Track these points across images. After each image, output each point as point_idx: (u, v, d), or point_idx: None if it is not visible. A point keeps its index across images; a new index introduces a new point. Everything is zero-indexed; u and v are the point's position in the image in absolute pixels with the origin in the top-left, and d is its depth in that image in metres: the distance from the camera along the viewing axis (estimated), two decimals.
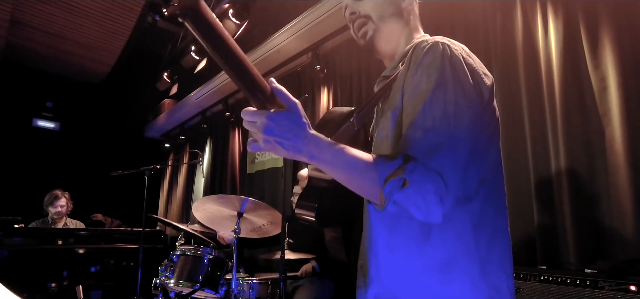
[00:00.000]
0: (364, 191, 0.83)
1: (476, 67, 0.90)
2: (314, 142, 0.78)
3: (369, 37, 1.06)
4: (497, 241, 0.90)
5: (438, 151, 0.79)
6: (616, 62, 2.13)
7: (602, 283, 1.79)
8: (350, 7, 1.09)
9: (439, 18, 3.18)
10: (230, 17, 4.42)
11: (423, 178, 0.77)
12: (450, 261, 0.85)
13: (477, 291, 0.85)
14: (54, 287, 3.77)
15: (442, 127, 0.81)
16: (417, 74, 0.88)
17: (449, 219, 0.84)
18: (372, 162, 0.80)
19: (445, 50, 0.88)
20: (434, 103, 0.82)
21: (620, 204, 2.03)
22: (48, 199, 4.24)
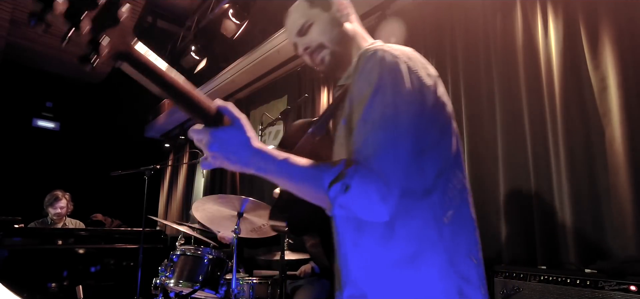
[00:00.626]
0: (313, 197, 0.87)
1: (415, 68, 0.94)
2: (259, 155, 0.82)
3: (327, 61, 1.12)
4: (462, 230, 0.94)
5: (378, 152, 0.83)
6: (616, 62, 2.13)
7: (602, 283, 1.80)
8: (300, 44, 1.15)
9: (439, 18, 3.18)
10: (230, 17, 4.42)
11: (364, 180, 0.81)
12: (416, 254, 0.89)
13: (445, 281, 0.88)
14: (54, 287, 3.76)
15: (380, 130, 0.85)
16: (358, 81, 0.93)
17: (411, 213, 0.89)
18: (317, 170, 0.85)
19: (383, 56, 0.91)
20: (373, 107, 0.87)
21: (620, 204, 2.03)
22: (48, 199, 4.23)
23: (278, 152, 0.84)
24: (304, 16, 1.13)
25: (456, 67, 2.99)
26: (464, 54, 2.95)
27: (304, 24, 1.12)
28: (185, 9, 5.53)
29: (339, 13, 1.14)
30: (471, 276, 0.92)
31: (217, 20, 4.61)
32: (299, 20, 1.13)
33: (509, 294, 2.12)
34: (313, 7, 1.13)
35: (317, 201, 0.87)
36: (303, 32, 1.13)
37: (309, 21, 1.12)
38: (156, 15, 5.66)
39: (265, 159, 0.82)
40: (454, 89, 2.98)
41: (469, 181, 2.96)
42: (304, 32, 1.13)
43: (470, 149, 2.80)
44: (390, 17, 3.40)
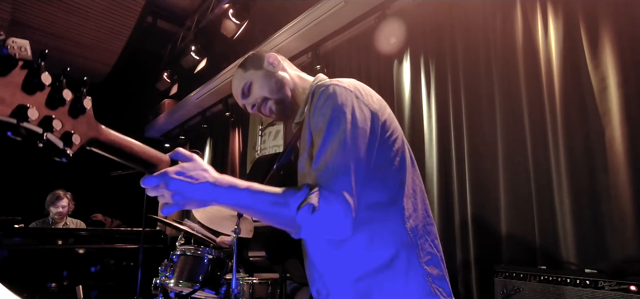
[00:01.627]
0: (278, 222, 0.92)
1: (363, 98, 1.04)
2: (221, 184, 0.86)
3: (274, 109, 1.23)
4: (424, 228, 1.05)
5: (338, 175, 0.91)
6: (616, 62, 2.13)
7: (602, 283, 1.80)
8: (248, 104, 1.26)
9: (439, 18, 3.18)
10: (230, 17, 4.42)
11: (328, 200, 0.88)
12: (394, 256, 0.99)
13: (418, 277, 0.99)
14: (54, 287, 3.76)
15: (337, 155, 0.93)
16: (315, 116, 1.02)
17: (383, 223, 1.00)
18: (281, 196, 0.90)
19: (335, 90, 1.01)
20: (329, 137, 0.95)
21: (620, 204, 2.03)
22: (50, 199, 4.23)
23: (240, 181, 0.89)
24: (242, 79, 1.25)
25: (456, 67, 2.99)
26: (464, 54, 2.95)
27: (244, 87, 1.24)
28: (185, 9, 5.53)
29: (271, 66, 1.25)
30: (437, 267, 1.04)
31: (217, 20, 4.61)
32: (240, 85, 1.25)
33: (509, 294, 2.12)
34: (247, 70, 1.25)
35: (283, 225, 0.93)
36: (245, 94, 1.25)
37: (247, 82, 1.24)
38: (156, 15, 5.66)
39: (227, 189, 0.86)
40: (454, 89, 2.98)
41: (469, 181, 2.95)
42: (247, 93, 1.25)
43: (470, 149, 2.80)
44: (390, 17, 3.40)
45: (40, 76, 0.64)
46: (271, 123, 4.70)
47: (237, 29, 4.51)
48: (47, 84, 0.65)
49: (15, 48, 0.61)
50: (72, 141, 0.69)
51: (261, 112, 1.25)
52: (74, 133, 0.70)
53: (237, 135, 5.67)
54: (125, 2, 4.64)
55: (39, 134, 0.65)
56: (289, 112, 1.24)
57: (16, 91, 0.61)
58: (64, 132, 0.68)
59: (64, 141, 0.69)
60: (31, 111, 0.62)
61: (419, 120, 3.20)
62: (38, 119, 0.64)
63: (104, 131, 0.76)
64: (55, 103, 0.67)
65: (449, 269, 2.92)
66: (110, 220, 5.49)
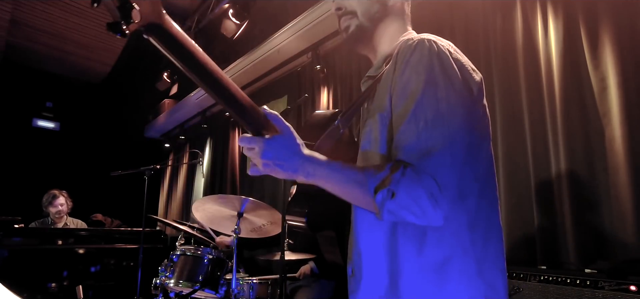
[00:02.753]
0: (361, 202, 0.84)
1: (464, 63, 0.89)
2: (310, 161, 0.81)
3: (350, 31, 1.07)
4: (492, 238, 0.90)
5: (432, 153, 0.79)
6: (616, 62, 2.13)
7: (602, 283, 1.79)
8: (337, 2, 1.10)
9: (439, 18, 3.18)
10: (230, 17, 4.42)
11: (412, 185, 0.77)
12: (446, 261, 0.84)
13: (473, 290, 0.84)
14: (54, 287, 3.76)
15: (435, 128, 0.80)
16: (405, 73, 0.86)
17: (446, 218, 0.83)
18: (362, 175, 0.81)
19: (432, 46, 0.86)
20: (425, 103, 0.81)
21: (620, 204, 2.03)
22: (46, 199, 4.23)
23: (323, 157, 0.83)
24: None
25: None
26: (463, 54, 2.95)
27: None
28: (185, 9, 5.53)
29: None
30: (497, 285, 0.88)
31: (217, 20, 4.61)
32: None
33: (509, 294, 2.12)
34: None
35: (367, 206, 0.83)
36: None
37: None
38: None
39: (316, 165, 0.81)
40: None
41: None
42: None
43: None
44: None
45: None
46: None
47: (237, 29, 4.51)
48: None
49: None
50: (131, 16, 0.58)
51: (339, 20, 1.10)
52: (135, 8, 0.58)
53: (237, 135, 5.67)
54: None
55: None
56: (363, 46, 1.09)
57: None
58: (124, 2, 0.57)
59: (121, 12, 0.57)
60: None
61: None
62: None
63: (168, 20, 0.65)
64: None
65: None
66: (110, 220, 5.50)
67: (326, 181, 0.82)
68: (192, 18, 5.33)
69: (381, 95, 0.94)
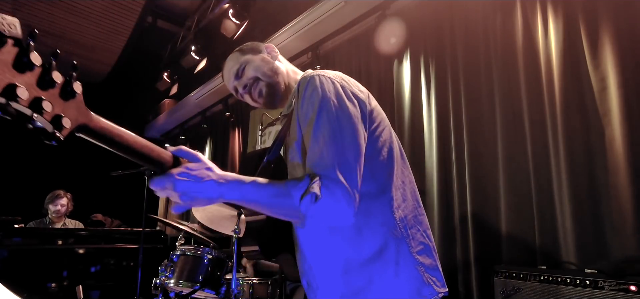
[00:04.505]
0: (283, 213, 0.95)
1: (349, 87, 1.05)
2: (227, 183, 0.88)
3: (265, 93, 1.24)
4: (414, 219, 1.06)
5: (333, 162, 0.92)
6: (616, 62, 2.13)
7: (602, 283, 1.80)
8: (239, 85, 1.26)
9: (439, 18, 3.18)
10: (230, 17, 4.42)
11: (330, 189, 0.90)
12: (383, 247, 0.99)
13: (409, 267, 0.99)
14: (54, 287, 3.76)
15: (331, 143, 0.94)
16: (303, 106, 1.03)
17: (372, 212, 1.00)
18: (284, 187, 0.92)
19: (320, 80, 1.02)
20: (320, 126, 0.97)
21: (620, 204, 2.03)
22: (50, 197, 4.24)
23: (243, 177, 0.91)
24: (238, 62, 1.26)
25: (456, 67, 2.99)
26: (464, 54, 2.95)
27: (239, 69, 1.25)
28: (185, 9, 5.54)
29: (268, 54, 1.28)
30: (430, 256, 1.04)
31: (217, 20, 4.61)
32: (234, 67, 1.26)
33: (509, 294, 2.12)
34: (245, 54, 1.27)
35: (287, 216, 0.97)
36: (239, 75, 1.25)
37: (243, 64, 1.25)
38: (156, 15, 5.66)
39: (232, 185, 0.89)
40: (454, 89, 2.98)
41: (469, 181, 2.95)
42: (240, 75, 1.25)
43: (470, 149, 2.80)
44: (390, 17, 3.40)
45: (29, 55, 0.61)
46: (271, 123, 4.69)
47: (237, 29, 4.51)
48: (38, 64, 0.62)
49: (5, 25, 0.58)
50: (62, 125, 0.66)
51: (251, 94, 1.25)
52: (64, 117, 0.66)
53: (237, 135, 5.67)
54: (125, 2, 4.64)
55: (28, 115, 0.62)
56: (277, 100, 1.26)
57: (6, 69, 0.59)
58: (54, 115, 0.65)
59: (54, 124, 0.65)
60: (21, 90, 0.59)
61: (419, 120, 3.20)
62: (28, 99, 0.61)
63: (95, 118, 0.74)
64: (46, 84, 0.64)
65: (449, 269, 2.93)
66: (110, 220, 5.50)
67: (247, 200, 0.91)
68: (192, 18, 5.34)
69: (293, 126, 1.09)
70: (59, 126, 0.66)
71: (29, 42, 0.61)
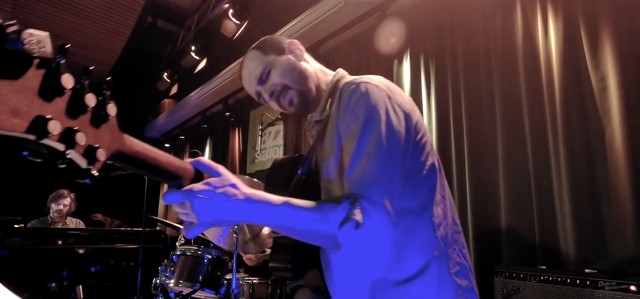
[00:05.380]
0: (318, 239, 0.86)
1: (395, 98, 0.97)
2: (254, 203, 0.76)
3: (295, 102, 1.12)
4: (453, 237, 1.00)
5: (377, 183, 0.85)
6: (616, 62, 2.13)
7: (602, 283, 1.80)
8: (264, 91, 1.14)
9: (439, 18, 3.18)
10: (230, 17, 4.42)
11: (370, 215, 0.82)
12: (424, 268, 0.93)
13: (448, 288, 0.94)
14: (54, 287, 3.76)
15: (376, 160, 0.87)
16: (346, 117, 0.95)
17: (415, 230, 0.94)
18: (321, 212, 0.82)
19: (367, 88, 0.95)
20: (365, 139, 0.89)
21: (620, 204, 2.03)
22: (53, 196, 4.23)
23: (273, 198, 0.80)
24: (261, 64, 1.12)
25: (456, 67, 2.99)
26: (464, 54, 2.95)
27: (262, 72, 1.12)
28: (185, 9, 5.54)
29: (293, 54, 1.15)
30: (467, 278, 0.98)
31: (217, 20, 4.61)
32: (257, 69, 1.13)
33: (509, 294, 2.12)
34: (267, 54, 1.13)
35: (320, 242, 0.88)
36: (263, 80, 1.12)
37: (268, 68, 1.12)
38: (156, 15, 5.66)
39: (261, 207, 0.77)
40: (454, 89, 2.98)
41: (469, 181, 2.94)
42: (265, 79, 1.12)
43: (470, 149, 2.79)
44: (390, 17, 3.40)
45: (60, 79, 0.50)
46: (271, 123, 4.69)
47: (237, 29, 4.51)
48: (69, 87, 0.51)
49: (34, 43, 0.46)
50: (96, 157, 0.55)
51: (279, 102, 1.13)
52: (99, 147, 0.56)
53: (237, 135, 5.67)
54: (125, 2, 4.64)
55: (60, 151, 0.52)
56: (310, 107, 1.14)
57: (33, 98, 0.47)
58: (87, 146, 0.54)
59: (87, 158, 0.55)
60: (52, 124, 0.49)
61: None
62: (60, 133, 0.50)
63: (129, 141, 0.64)
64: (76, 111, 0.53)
65: None
66: (110, 220, 5.50)
67: (280, 224, 0.82)
68: (192, 18, 5.34)
69: (330, 136, 1.01)
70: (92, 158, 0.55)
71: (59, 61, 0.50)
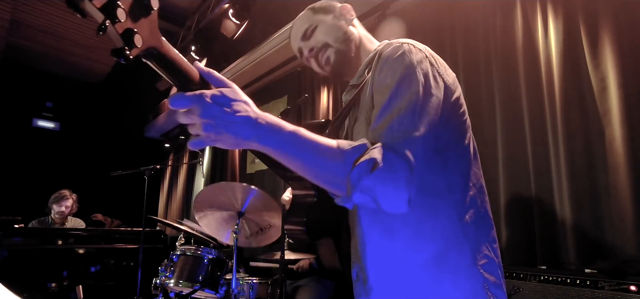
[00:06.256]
0: (326, 178, 0.78)
1: (439, 65, 0.93)
2: (263, 124, 0.70)
3: (333, 60, 1.11)
4: (483, 229, 0.93)
5: (404, 137, 0.79)
6: (616, 62, 2.13)
7: (602, 283, 1.79)
8: (305, 47, 1.15)
9: (439, 18, 3.18)
10: (230, 17, 4.42)
11: (392, 160, 0.76)
12: (443, 254, 0.87)
13: (472, 280, 0.87)
14: (54, 287, 3.76)
15: (406, 116, 0.81)
16: (383, 71, 0.90)
17: (437, 211, 0.88)
18: (336, 147, 0.77)
19: (409, 48, 0.91)
20: (399, 94, 0.84)
21: (620, 204, 2.03)
22: (55, 197, 4.20)
23: (285, 123, 0.74)
24: (308, 21, 1.15)
25: (456, 67, 2.99)
26: (464, 54, 2.95)
27: (307, 28, 1.14)
28: (185, 9, 5.53)
29: (342, 17, 1.15)
30: (494, 273, 0.90)
31: (217, 20, 4.61)
32: (304, 26, 1.15)
33: (509, 294, 2.12)
34: (316, 14, 1.15)
35: (328, 183, 0.79)
36: (307, 36, 1.14)
37: (313, 25, 1.14)
38: None
39: (270, 128, 0.71)
40: None
41: None
42: (308, 36, 1.14)
43: None
44: (390, 17, 3.40)
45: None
46: None
47: (237, 29, 4.51)
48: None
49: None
50: (133, 42, 0.58)
51: (317, 60, 1.13)
52: (137, 33, 0.58)
53: None
54: None
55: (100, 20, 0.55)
56: (346, 68, 1.12)
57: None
58: (126, 28, 0.57)
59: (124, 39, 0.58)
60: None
61: None
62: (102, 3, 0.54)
63: (166, 43, 0.66)
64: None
65: None
66: (110, 220, 5.50)
67: (285, 151, 0.73)
68: (192, 18, 5.33)
69: (365, 99, 0.96)
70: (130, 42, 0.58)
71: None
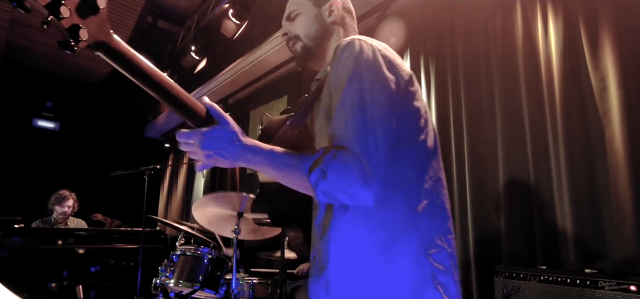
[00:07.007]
0: (299, 185, 0.92)
1: (392, 59, 0.97)
2: (248, 147, 0.90)
3: (297, 52, 1.19)
4: (436, 220, 0.95)
5: (357, 135, 0.86)
6: (616, 62, 2.13)
7: (602, 283, 1.79)
8: (284, 27, 1.23)
9: (439, 18, 3.18)
10: (230, 17, 4.42)
11: (343, 165, 0.84)
12: (388, 243, 0.90)
13: (419, 268, 0.89)
14: (54, 287, 3.76)
15: (359, 114, 0.87)
16: (336, 68, 0.96)
17: (385, 202, 0.90)
18: (298, 159, 0.90)
19: (361, 44, 0.95)
20: (350, 92, 0.90)
21: (620, 204, 2.03)
22: (55, 199, 4.20)
23: (263, 144, 0.91)
24: (295, 4, 1.20)
25: (456, 67, 2.99)
26: (464, 54, 2.95)
27: (291, 12, 1.20)
28: (185, 9, 5.53)
29: (327, 12, 1.18)
30: (445, 263, 0.93)
31: (217, 20, 4.61)
32: (290, 7, 1.21)
33: (509, 294, 2.12)
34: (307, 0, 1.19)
35: (304, 189, 0.92)
36: (290, 18, 1.21)
37: (297, 11, 1.19)
38: (156, 15, 5.66)
39: (253, 151, 0.90)
40: (454, 89, 2.98)
41: (469, 180, 2.94)
42: (292, 18, 1.20)
43: (470, 149, 2.80)
44: (390, 17, 3.40)
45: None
46: None
47: (237, 29, 4.51)
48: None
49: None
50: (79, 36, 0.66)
51: (288, 44, 1.22)
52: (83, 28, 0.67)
53: None
54: (125, 2, 4.63)
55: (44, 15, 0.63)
56: (311, 64, 1.21)
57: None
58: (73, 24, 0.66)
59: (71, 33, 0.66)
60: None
61: None
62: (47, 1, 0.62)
63: (115, 40, 0.74)
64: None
65: None
66: (110, 220, 5.50)
67: (265, 166, 0.91)
68: (192, 18, 5.33)
69: (325, 93, 1.02)
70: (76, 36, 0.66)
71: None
